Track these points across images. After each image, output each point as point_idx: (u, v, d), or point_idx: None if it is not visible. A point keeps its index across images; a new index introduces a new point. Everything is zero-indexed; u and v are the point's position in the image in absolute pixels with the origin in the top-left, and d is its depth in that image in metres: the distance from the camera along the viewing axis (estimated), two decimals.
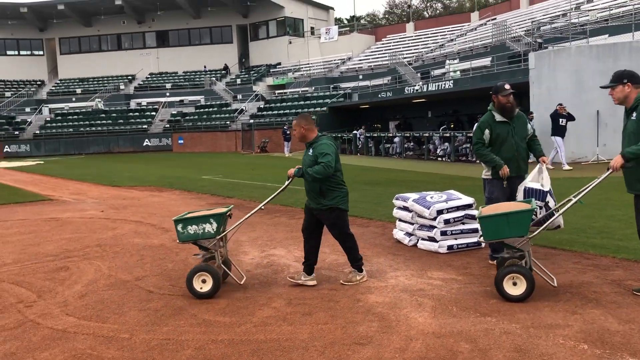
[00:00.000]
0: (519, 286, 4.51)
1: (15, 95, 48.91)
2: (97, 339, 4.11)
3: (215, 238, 5.18)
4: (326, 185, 5.10)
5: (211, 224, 5.16)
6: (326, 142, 5.12)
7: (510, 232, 4.63)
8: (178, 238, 5.28)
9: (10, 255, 7.13)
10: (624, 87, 4.45)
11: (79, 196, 13.60)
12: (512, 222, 4.61)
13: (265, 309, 4.62)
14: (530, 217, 4.66)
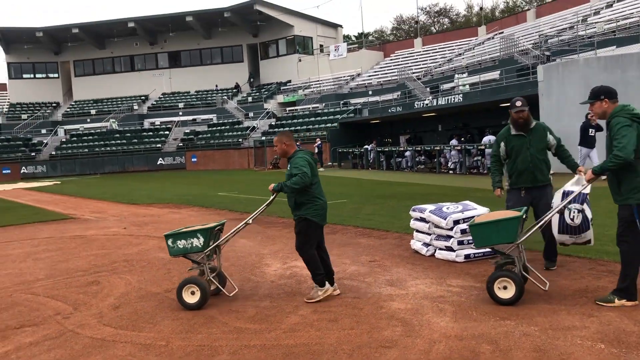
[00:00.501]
0: (509, 290, 4.74)
1: (31, 117, 49.79)
2: (136, 347, 4.35)
3: (203, 252, 5.43)
4: (302, 197, 5.31)
5: (198, 239, 5.44)
6: (301, 156, 5.34)
7: (499, 239, 4.88)
8: (169, 252, 5.54)
9: (42, 271, 7.41)
10: (601, 103, 4.64)
11: (100, 214, 13.92)
12: (501, 230, 4.86)
13: (292, 317, 4.84)
14: (517, 224, 4.84)
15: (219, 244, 5.67)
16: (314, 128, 35.45)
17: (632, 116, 4.46)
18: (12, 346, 4.53)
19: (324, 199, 5.46)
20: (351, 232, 8.93)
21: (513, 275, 4.78)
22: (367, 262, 6.77)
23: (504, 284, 4.78)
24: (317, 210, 5.35)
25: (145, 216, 12.90)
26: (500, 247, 4.97)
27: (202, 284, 5.30)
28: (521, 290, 4.73)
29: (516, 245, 4.88)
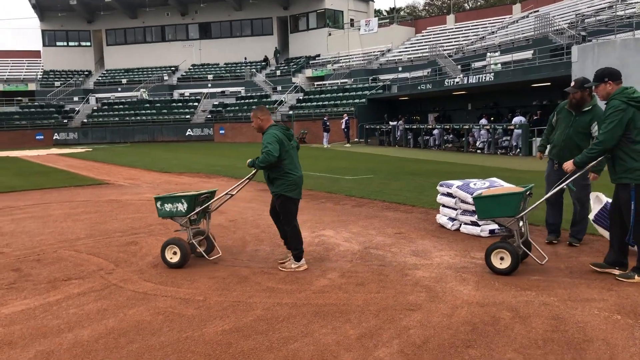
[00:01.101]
0: (505, 261, 5.02)
1: (64, 85, 50.74)
2: (176, 300, 4.66)
3: (186, 216, 5.77)
4: (274, 173, 5.43)
5: (182, 204, 5.78)
6: (271, 132, 5.40)
7: (500, 212, 5.13)
8: (157, 213, 5.95)
9: (82, 231, 7.81)
10: (605, 85, 4.73)
11: (133, 181, 14.37)
12: (503, 204, 5.12)
13: (322, 280, 5.10)
14: (518, 200, 5.07)
15: (209, 211, 5.99)
16: (342, 103, 35.44)
17: (629, 99, 4.53)
18: (62, 295, 4.89)
19: (299, 173, 5.53)
20: (378, 206, 9.13)
21: (510, 247, 5.02)
22: (393, 233, 6.99)
23: (501, 255, 5.05)
24: (290, 186, 5.46)
25: (177, 184, 13.29)
26: (501, 220, 5.20)
27: (182, 245, 5.67)
28: (517, 262, 4.97)
29: (516, 219, 5.08)
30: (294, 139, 5.63)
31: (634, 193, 4.56)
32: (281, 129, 5.53)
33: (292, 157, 5.48)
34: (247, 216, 8.62)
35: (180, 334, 3.91)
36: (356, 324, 3.97)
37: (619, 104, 4.53)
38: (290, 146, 5.50)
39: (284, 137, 5.43)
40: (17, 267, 5.92)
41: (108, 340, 3.85)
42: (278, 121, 37.30)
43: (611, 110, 4.55)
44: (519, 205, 5.09)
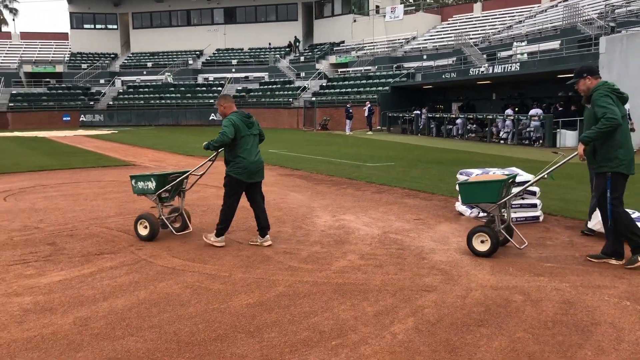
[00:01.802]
0: (485, 244, 5.31)
1: (90, 67, 51.50)
2: (202, 275, 4.91)
3: (154, 194, 6.28)
4: (229, 156, 5.87)
5: (152, 182, 6.28)
6: (230, 117, 5.84)
7: (482, 198, 5.44)
8: (132, 190, 6.47)
9: (112, 209, 8.13)
10: (585, 80, 5.02)
11: (159, 163, 14.72)
12: (485, 190, 5.41)
13: (341, 261, 5.30)
14: (499, 187, 5.32)
15: (183, 189, 6.56)
16: (365, 91, 35.42)
17: (611, 90, 4.83)
18: (95, 268, 5.18)
19: (252, 158, 5.84)
20: (398, 193, 9.29)
21: (490, 232, 5.31)
22: (412, 219, 7.15)
23: (482, 239, 5.35)
24: (240, 169, 5.81)
25: None
26: (484, 205, 5.51)
27: (151, 220, 6.17)
28: (496, 245, 5.27)
29: (497, 205, 5.35)
30: (255, 127, 5.97)
31: (609, 181, 4.84)
32: (240, 116, 5.90)
33: (246, 142, 5.84)
34: (269, 199, 8.79)
35: (207, 306, 4.16)
36: (373, 302, 4.18)
37: (604, 91, 4.83)
38: (247, 132, 5.85)
39: (241, 122, 5.82)
40: (52, 241, 6.24)
41: (140, 309, 4.11)
42: (301, 107, 37.60)
43: (600, 96, 4.84)
44: (500, 192, 5.33)
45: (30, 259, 5.51)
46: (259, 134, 6.05)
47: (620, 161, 4.82)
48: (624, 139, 4.85)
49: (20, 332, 3.71)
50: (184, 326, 3.79)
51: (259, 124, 6.10)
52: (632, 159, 4.92)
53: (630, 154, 4.91)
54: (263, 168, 6.09)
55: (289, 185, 10.47)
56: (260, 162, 5.98)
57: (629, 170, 4.89)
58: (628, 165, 4.87)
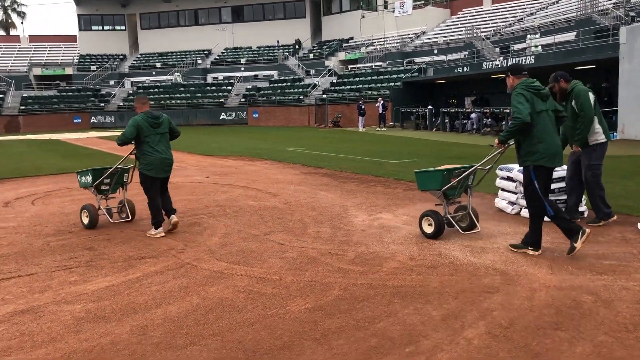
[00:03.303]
0: (431, 226, 5.87)
1: (99, 69, 51.60)
2: (252, 279, 4.78)
3: (92, 186, 7.09)
4: (138, 152, 6.46)
5: (88, 176, 7.12)
6: (134, 118, 6.43)
7: (430, 186, 6.04)
8: (79, 184, 7.33)
9: (143, 212, 7.99)
10: (508, 78, 5.36)
11: (179, 164, 14.59)
12: (430, 178, 6.04)
13: (391, 262, 5.16)
14: (440, 176, 5.89)
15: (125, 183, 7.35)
16: (376, 87, 35.22)
17: (528, 87, 5.10)
18: (140, 273, 5.06)
19: (158, 155, 6.39)
20: None
21: (434, 216, 5.86)
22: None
23: (429, 222, 5.90)
24: (147, 165, 6.38)
25: (223, 167, 13.48)
26: (432, 192, 6.07)
27: (91, 210, 6.94)
28: (439, 228, 5.81)
29: (441, 192, 5.93)
30: (163, 127, 6.55)
31: (533, 174, 5.11)
32: (146, 116, 6.43)
33: (151, 142, 6.38)
34: (300, 199, 8.71)
35: (265, 311, 4.02)
36: (437, 305, 4.03)
37: (520, 90, 5.11)
38: (151, 132, 6.40)
39: (145, 123, 6.38)
40: (89, 245, 6.13)
41: (197, 316, 3.98)
42: (312, 104, 37.45)
43: (514, 95, 5.14)
44: (443, 180, 5.87)
45: (72, 264, 5.40)
46: (169, 132, 6.65)
47: (541, 155, 5.03)
48: (542, 134, 5.05)
49: (78, 343, 3.60)
50: (246, 333, 3.66)
51: (170, 122, 6.71)
52: (554, 152, 5.09)
53: (552, 147, 5.07)
54: (172, 163, 6.69)
55: (316, 184, 10.33)
56: (168, 159, 6.56)
57: (552, 163, 5.10)
58: (550, 158, 5.06)
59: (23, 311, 4.18)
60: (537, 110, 5.06)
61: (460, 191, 6.14)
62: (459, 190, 6.11)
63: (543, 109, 5.10)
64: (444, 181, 5.87)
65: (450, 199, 6.10)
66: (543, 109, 5.10)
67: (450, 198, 6.11)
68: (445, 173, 5.90)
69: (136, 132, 6.32)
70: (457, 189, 6.05)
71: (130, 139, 6.33)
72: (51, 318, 4.03)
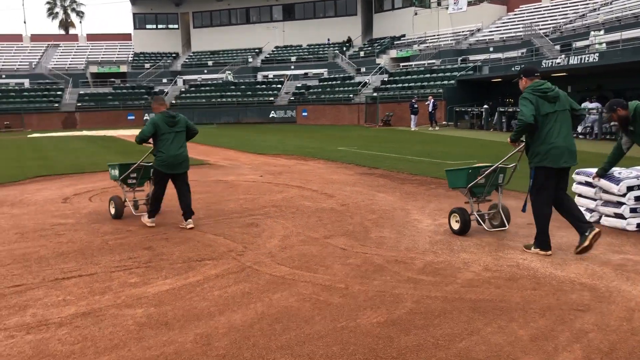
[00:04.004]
0: (458, 223, 6.05)
1: (153, 67, 52.72)
2: (317, 287, 4.53)
3: (118, 180, 7.55)
4: (154, 150, 6.83)
5: (115, 170, 7.60)
6: (152, 117, 6.85)
7: (456, 184, 6.27)
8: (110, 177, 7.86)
9: (199, 210, 7.88)
10: (521, 80, 5.44)
11: (232, 162, 14.58)
12: (457, 177, 6.26)
13: (465, 272, 4.80)
14: (465, 174, 6.09)
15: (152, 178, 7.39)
16: (429, 85, 34.49)
17: (534, 91, 5.20)
18: (201, 276, 4.89)
19: (171, 152, 6.70)
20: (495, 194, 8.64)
21: (461, 213, 6.04)
22: (525, 224, 6.53)
23: (456, 219, 6.08)
24: (160, 161, 6.75)
25: (276, 166, 13.33)
26: (459, 190, 6.31)
27: (117, 201, 7.48)
28: (465, 225, 6.00)
29: (467, 189, 6.10)
30: (179, 125, 6.81)
31: (533, 173, 5.32)
32: (163, 116, 6.77)
33: (167, 139, 6.70)
34: (357, 200, 8.42)
35: (334, 324, 3.76)
36: (523, 324, 3.66)
37: (526, 94, 5.25)
38: (167, 130, 6.72)
39: (162, 122, 6.72)
40: (148, 245, 6.03)
41: (262, 326, 3.76)
42: (362, 103, 37.06)
43: (520, 100, 5.29)
44: (469, 178, 6.07)
45: (131, 265, 5.29)
46: (185, 130, 6.89)
47: (543, 156, 5.16)
48: (544, 136, 5.15)
49: (142, 351, 3.43)
50: (316, 348, 3.40)
51: (187, 122, 6.94)
52: (559, 153, 5.13)
53: (556, 148, 5.12)
54: (186, 161, 6.89)
55: (373, 185, 10.02)
56: (181, 156, 6.80)
57: (556, 164, 5.16)
58: (553, 159, 5.14)
59: (84, 314, 4.06)
60: (543, 113, 5.15)
61: (490, 189, 6.29)
62: (488, 189, 6.25)
63: (550, 111, 5.16)
64: (470, 179, 6.07)
65: (478, 196, 6.25)
66: (550, 111, 5.16)
67: (478, 196, 6.25)
68: (470, 171, 6.11)
69: (154, 129, 6.70)
70: (485, 187, 6.19)
71: (148, 137, 6.75)
72: (113, 322, 3.88)
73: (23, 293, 4.56)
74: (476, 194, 6.20)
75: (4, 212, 8.09)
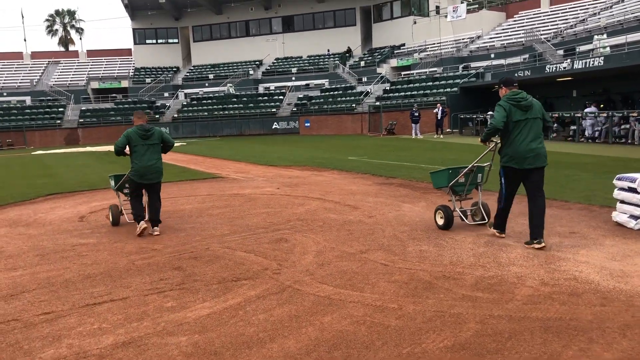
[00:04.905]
0: (442, 219, 6.66)
1: (154, 81, 52.56)
2: (368, 307, 4.24)
3: (115, 189, 8.21)
4: (130, 162, 7.30)
5: (112, 181, 8.32)
6: (127, 130, 7.27)
7: (440, 183, 6.91)
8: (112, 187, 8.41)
9: (223, 226, 7.62)
10: (501, 89, 6.02)
11: (245, 174, 14.31)
12: (439, 177, 6.92)
13: (522, 288, 4.52)
14: (446, 175, 6.74)
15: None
16: (432, 93, 34.34)
17: (509, 99, 5.78)
18: (240, 298, 4.60)
19: (143, 164, 7.16)
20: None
21: (444, 210, 6.66)
22: (567, 233, 6.28)
23: (440, 215, 6.70)
24: (133, 171, 7.24)
25: (290, 177, 13.07)
26: (443, 189, 6.93)
27: (113, 210, 8.09)
28: (448, 221, 6.60)
29: (449, 188, 6.73)
30: (153, 138, 7.24)
31: (502, 172, 5.98)
32: (137, 129, 7.21)
33: (139, 151, 7.16)
34: (384, 212, 8.15)
35: (398, 349, 3.48)
36: (605, 346, 3.39)
37: (501, 102, 5.83)
38: (140, 142, 7.16)
39: (135, 135, 7.18)
40: (177, 265, 5.74)
41: (320, 353, 3.48)
42: (365, 112, 36.89)
43: (497, 105, 5.86)
44: (449, 178, 6.69)
45: (164, 287, 5.01)
46: (159, 143, 7.32)
47: (510, 157, 5.78)
48: (512, 140, 5.73)
49: None
50: None
51: (162, 134, 7.38)
52: (523, 156, 5.69)
53: (522, 152, 5.68)
54: (157, 172, 7.32)
55: (395, 195, 9.75)
56: (153, 167, 7.23)
57: (520, 166, 5.75)
58: (519, 161, 5.73)
59: (125, 343, 3.78)
60: (514, 119, 5.71)
61: (470, 188, 6.87)
62: (469, 187, 6.83)
63: (521, 118, 5.70)
64: (450, 178, 6.68)
65: (459, 194, 6.85)
66: (521, 118, 5.71)
67: (460, 194, 6.85)
68: (450, 172, 6.72)
69: (127, 141, 7.17)
70: (465, 185, 6.77)
71: (121, 148, 7.21)
72: (157, 353, 3.60)
73: (54, 321, 4.28)
74: (457, 192, 6.83)
75: (20, 233, 7.81)
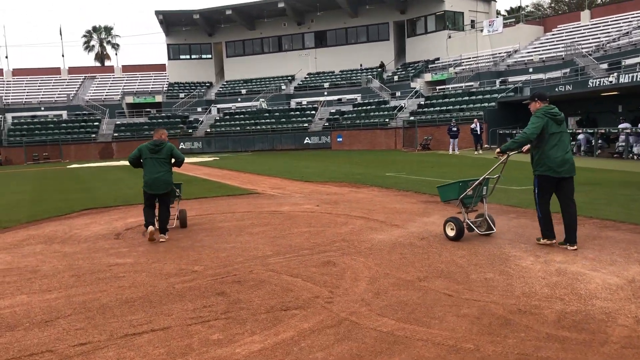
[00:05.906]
0: (453, 230, 6.88)
1: (187, 96, 53.06)
2: (441, 347, 3.74)
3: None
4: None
5: None
6: (140, 144, 7.99)
7: (449, 196, 7.15)
8: None
9: (265, 246, 7.20)
10: (535, 103, 6.35)
11: (281, 190, 13.93)
12: (449, 190, 7.14)
13: (614, 327, 3.97)
14: (456, 187, 6.99)
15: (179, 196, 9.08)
16: (468, 108, 33.65)
17: (546, 113, 6.14)
18: (293, 331, 4.15)
19: (150, 175, 7.82)
20: (589, 224, 7.76)
21: (456, 222, 6.89)
22: None
23: (451, 226, 6.90)
24: (144, 182, 7.93)
25: (328, 194, 12.63)
26: (453, 201, 7.16)
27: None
28: (460, 232, 6.82)
29: (459, 200, 6.95)
30: (161, 153, 7.87)
31: (537, 181, 6.34)
32: (149, 144, 7.93)
33: (148, 164, 7.86)
34: (436, 233, 7.61)
35: None
36: None
37: (538, 113, 6.19)
38: (149, 156, 7.86)
39: (145, 149, 7.91)
40: (220, 290, 5.33)
41: None
42: (398, 127, 36.35)
43: (532, 118, 6.20)
44: (460, 190, 6.94)
45: (208, 316, 4.59)
46: (168, 157, 7.93)
47: (548, 167, 6.13)
48: (550, 150, 6.12)
49: None
50: None
51: (172, 150, 7.99)
52: (559, 165, 6.11)
53: (558, 161, 6.11)
54: (165, 183, 7.89)
55: (446, 215, 9.15)
56: (159, 179, 7.83)
57: (557, 175, 6.14)
58: (556, 170, 6.12)
59: None
60: (550, 131, 6.09)
61: (477, 200, 7.12)
62: (476, 199, 7.09)
63: (556, 131, 6.12)
64: (461, 191, 6.93)
65: (467, 206, 7.09)
66: (556, 131, 6.12)
67: (468, 206, 7.09)
68: (461, 184, 6.96)
69: (138, 154, 7.93)
70: (473, 197, 7.01)
71: (133, 159, 7.98)
72: None
73: (91, 354, 3.90)
74: (466, 204, 7.08)
75: (56, 251, 7.54)
